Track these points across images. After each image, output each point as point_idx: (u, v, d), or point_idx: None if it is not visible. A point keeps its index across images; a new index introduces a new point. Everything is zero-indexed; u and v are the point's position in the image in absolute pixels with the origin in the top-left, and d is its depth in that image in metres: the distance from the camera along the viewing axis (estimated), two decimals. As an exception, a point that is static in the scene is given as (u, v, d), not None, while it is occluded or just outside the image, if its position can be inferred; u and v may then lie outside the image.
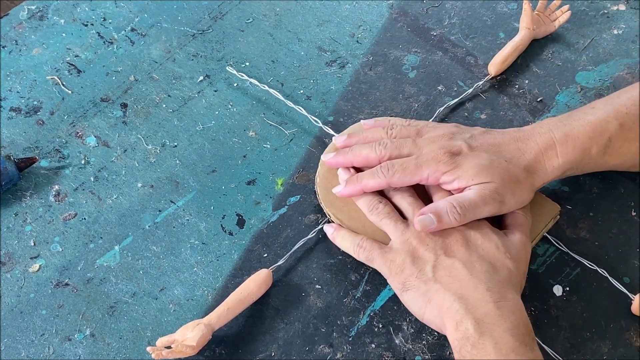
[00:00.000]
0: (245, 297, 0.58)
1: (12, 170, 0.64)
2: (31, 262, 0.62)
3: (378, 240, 0.58)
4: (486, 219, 0.58)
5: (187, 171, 0.67)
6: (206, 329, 0.55)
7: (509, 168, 0.57)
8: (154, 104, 0.72)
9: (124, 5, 0.79)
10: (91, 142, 0.69)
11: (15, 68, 0.74)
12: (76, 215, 0.65)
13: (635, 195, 0.65)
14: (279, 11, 0.79)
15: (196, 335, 0.54)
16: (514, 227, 0.58)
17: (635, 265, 0.62)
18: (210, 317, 0.56)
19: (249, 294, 0.58)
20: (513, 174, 0.57)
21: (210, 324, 0.56)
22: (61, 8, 0.79)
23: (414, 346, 0.58)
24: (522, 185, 0.57)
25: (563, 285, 0.61)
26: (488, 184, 0.56)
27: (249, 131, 0.70)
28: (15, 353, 0.58)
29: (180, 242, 0.63)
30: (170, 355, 0.54)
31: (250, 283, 0.58)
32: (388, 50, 0.75)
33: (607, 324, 0.59)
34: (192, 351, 0.55)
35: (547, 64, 0.75)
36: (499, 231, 0.57)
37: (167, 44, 0.76)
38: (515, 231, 0.57)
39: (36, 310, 0.60)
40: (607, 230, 0.64)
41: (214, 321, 0.56)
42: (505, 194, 0.56)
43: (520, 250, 0.56)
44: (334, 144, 0.64)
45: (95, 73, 0.74)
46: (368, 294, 0.60)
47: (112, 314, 0.60)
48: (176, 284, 0.61)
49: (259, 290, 0.58)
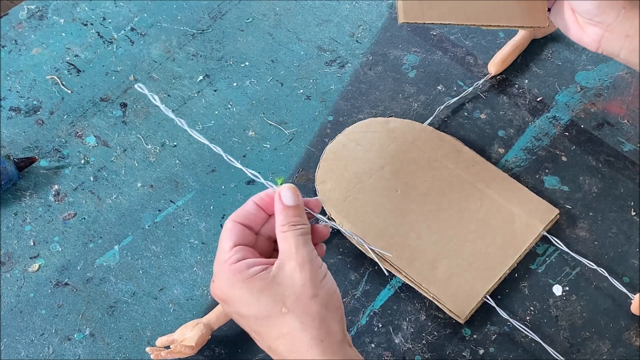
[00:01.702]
0: None
1: (12, 170, 0.64)
2: (31, 262, 0.62)
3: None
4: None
5: (186, 171, 0.67)
6: (205, 329, 0.55)
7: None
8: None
9: (124, 4, 0.79)
10: (91, 142, 0.69)
11: (14, 68, 0.74)
12: (76, 215, 0.65)
13: (635, 195, 0.65)
14: (278, 11, 0.79)
15: (195, 335, 0.54)
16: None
17: (635, 265, 0.62)
18: (209, 316, 0.56)
19: None
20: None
21: (209, 324, 0.56)
22: (61, 8, 0.79)
23: (414, 346, 0.58)
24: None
25: (563, 285, 0.61)
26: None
27: (249, 131, 0.70)
28: (15, 353, 0.57)
29: (180, 241, 0.63)
30: (169, 356, 0.54)
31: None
32: (388, 50, 0.75)
33: (607, 323, 0.59)
34: (191, 351, 0.55)
35: (547, 63, 0.75)
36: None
37: (167, 43, 0.76)
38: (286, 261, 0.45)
39: (36, 310, 0.60)
40: (607, 230, 0.64)
41: (213, 321, 0.56)
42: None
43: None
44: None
45: (94, 73, 0.74)
46: (368, 294, 0.60)
47: (112, 314, 0.60)
48: (176, 284, 0.61)
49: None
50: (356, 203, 0.62)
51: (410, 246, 0.60)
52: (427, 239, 0.61)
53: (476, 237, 0.61)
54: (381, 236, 0.60)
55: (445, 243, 0.60)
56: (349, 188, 0.63)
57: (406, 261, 0.59)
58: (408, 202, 0.62)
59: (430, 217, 0.62)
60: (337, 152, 0.66)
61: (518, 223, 0.61)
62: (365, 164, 0.65)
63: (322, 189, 0.63)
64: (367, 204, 0.62)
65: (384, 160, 0.65)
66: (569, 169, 0.67)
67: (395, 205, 0.62)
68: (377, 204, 0.62)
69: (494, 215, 0.62)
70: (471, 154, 0.65)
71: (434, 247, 0.60)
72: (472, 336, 0.59)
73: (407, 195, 0.63)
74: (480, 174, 0.64)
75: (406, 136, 0.67)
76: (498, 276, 0.59)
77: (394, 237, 0.60)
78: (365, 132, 0.67)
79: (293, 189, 0.47)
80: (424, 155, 0.65)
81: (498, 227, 0.61)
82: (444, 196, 0.63)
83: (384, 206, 0.62)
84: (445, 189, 0.63)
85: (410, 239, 0.60)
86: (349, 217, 0.61)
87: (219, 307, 0.57)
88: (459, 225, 0.61)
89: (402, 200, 0.62)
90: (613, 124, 0.70)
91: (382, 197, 0.63)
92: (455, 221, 0.61)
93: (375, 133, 0.67)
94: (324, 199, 0.62)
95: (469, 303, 0.58)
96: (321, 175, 0.64)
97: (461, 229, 0.61)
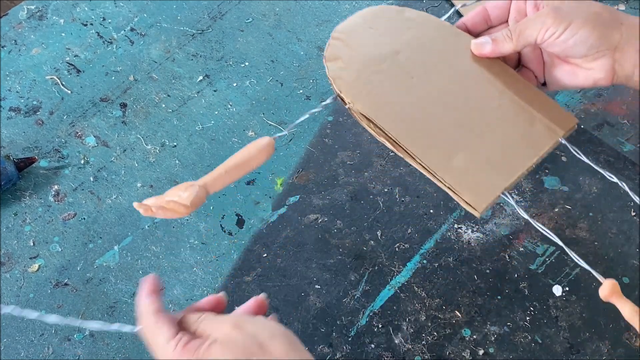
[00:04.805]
0: (245, 161, 0.50)
1: (12, 170, 0.64)
2: (30, 262, 0.62)
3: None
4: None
5: (186, 171, 0.67)
6: (200, 190, 0.48)
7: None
8: (154, 104, 0.72)
9: (124, 5, 0.79)
10: (90, 142, 0.69)
11: (14, 68, 0.74)
12: (75, 215, 0.65)
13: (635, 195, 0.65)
14: (278, 11, 0.79)
15: (190, 195, 0.47)
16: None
17: (635, 265, 0.62)
18: (205, 178, 0.49)
19: (250, 159, 0.50)
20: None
21: (205, 186, 0.48)
22: (60, 8, 0.79)
23: (414, 346, 0.58)
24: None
25: (562, 285, 0.61)
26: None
27: (249, 131, 0.70)
28: (15, 353, 0.57)
29: (180, 242, 0.63)
30: (160, 212, 0.46)
31: (252, 147, 0.50)
32: (388, 50, 0.75)
33: (607, 324, 0.59)
34: (185, 210, 0.47)
35: (547, 63, 0.75)
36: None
37: (167, 43, 0.76)
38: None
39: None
40: (607, 230, 0.64)
41: (209, 184, 0.49)
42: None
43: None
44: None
45: (94, 73, 0.74)
46: (367, 294, 0.60)
47: (112, 314, 0.60)
48: (176, 284, 0.61)
49: (259, 155, 0.51)
50: (369, 85, 0.59)
51: (425, 134, 0.56)
52: (443, 129, 0.57)
53: (494, 134, 0.57)
54: (394, 120, 0.57)
55: (462, 135, 0.57)
56: (362, 69, 0.59)
57: (421, 148, 0.56)
58: (424, 91, 0.59)
59: (447, 108, 0.58)
60: (350, 33, 0.62)
61: (538, 126, 0.59)
62: (379, 48, 0.61)
63: (332, 67, 0.59)
64: (380, 86, 0.59)
65: (399, 46, 0.61)
66: (569, 169, 0.67)
67: (410, 92, 0.59)
68: (391, 87, 0.58)
69: (513, 115, 0.59)
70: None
71: (450, 138, 0.57)
72: (472, 336, 0.59)
73: (423, 84, 0.59)
74: (500, 75, 0.61)
75: (422, 27, 0.64)
76: (517, 174, 0.56)
77: (408, 122, 0.57)
78: (380, 17, 0.64)
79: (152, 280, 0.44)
80: (441, 47, 0.62)
81: (517, 126, 0.58)
82: (462, 90, 0.59)
83: (398, 90, 0.58)
84: (463, 83, 0.60)
85: (426, 126, 0.57)
86: (361, 98, 0.58)
87: (216, 170, 0.50)
88: (477, 120, 0.58)
89: (418, 88, 0.59)
90: (613, 124, 0.70)
91: (396, 82, 0.59)
92: (474, 116, 0.58)
93: (390, 19, 0.64)
94: (333, 76, 0.59)
95: (487, 196, 0.55)
96: (331, 52, 0.60)
97: (479, 124, 0.58)
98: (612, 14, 0.55)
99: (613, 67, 0.55)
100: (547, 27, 0.55)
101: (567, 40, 0.54)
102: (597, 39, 0.54)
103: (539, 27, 0.56)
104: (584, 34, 0.54)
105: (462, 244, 0.63)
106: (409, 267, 0.62)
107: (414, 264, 0.62)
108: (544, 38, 0.56)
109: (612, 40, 0.54)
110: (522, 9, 0.60)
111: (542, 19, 0.56)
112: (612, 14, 0.55)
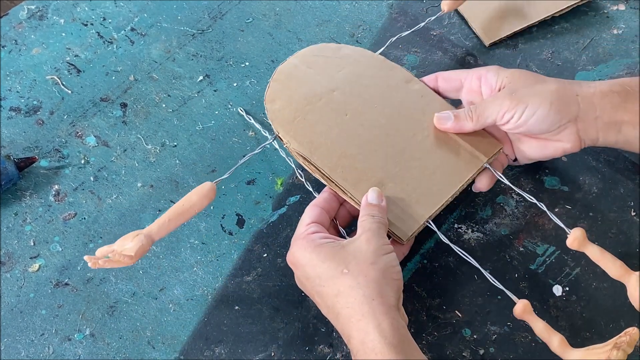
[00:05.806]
0: (187, 208, 0.55)
1: (12, 170, 0.64)
2: (31, 262, 0.62)
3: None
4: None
5: (186, 171, 0.67)
6: (146, 240, 0.53)
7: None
8: (154, 104, 0.72)
9: (124, 5, 0.79)
10: (91, 142, 0.69)
11: (15, 68, 0.74)
12: (76, 215, 0.65)
13: (635, 195, 0.65)
14: (278, 11, 0.79)
15: (135, 245, 0.52)
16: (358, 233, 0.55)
17: (635, 265, 0.62)
18: (150, 227, 0.54)
19: (191, 206, 0.55)
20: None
21: (150, 235, 0.53)
22: (61, 8, 0.79)
23: (414, 346, 0.58)
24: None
25: (563, 285, 0.61)
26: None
27: (249, 131, 0.70)
28: (15, 353, 0.58)
29: (180, 241, 0.63)
30: (107, 264, 0.52)
31: (193, 195, 0.56)
32: (388, 50, 0.75)
33: (607, 324, 0.59)
34: (130, 261, 0.52)
35: (547, 64, 0.75)
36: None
37: (167, 43, 0.76)
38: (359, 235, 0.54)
39: (36, 310, 0.60)
40: (607, 231, 0.64)
41: (154, 232, 0.54)
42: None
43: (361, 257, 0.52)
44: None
45: (95, 73, 0.74)
46: (368, 294, 0.60)
47: (112, 314, 0.60)
48: (176, 284, 0.61)
49: (201, 202, 0.56)
50: (305, 123, 0.62)
51: (356, 168, 0.60)
52: (373, 162, 0.61)
53: (421, 164, 0.61)
54: (328, 157, 0.61)
55: (391, 168, 0.61)
56: (299, 108, 0.63)
57: (352, 182, 0.59)
58: (356, 126, 0.63)
59: (378, 142, 0.62)
60: (288, 74, 0.66)
61: (462, 155, 0.62)
62: (315, 87, 0.65)
63: (271, 108, 0.63)
64: (315, 125, 0.63)
65: (335, 84, 0.65)
66: (569, 169, 0.67)
67: (343, 128, 0.63)
68: (325, 125, 0.63)
69: (439, 146, 0.62)
70: (420, 85, 0.66)
71: (379, 170, 0.61)
72: (472, 336, 0.59)
73: (356, 120, 0.63)
74: (429, 105, 0.64)
75: (358, 63, 0.67)
76: (441, 202, 0.60)
77: (340, 158, 0.61)
78: (317, 56, 0.67)
79: (378, 192, 0.57)
80: (375, 82, 0.66)
81: (443, 157, 0.62)
82: (392, 123, 0.63)
83: (332, 128, 0.63)
84: (394, 116, 0.64)
85: (357, 161, 0.61)
86: (297, 137, 0.61)
87: (160, 218, 0.54)
88: (405, 152, 0.62)
89: (351, 124, 0.63)
90: (613, 124, 0.70)
91: (331, 120, 0.63)
92: (402, 148, 0.62)
93: (327, 58, 0.67)
94: (272, 117, 0.62)
95: (412, 225, 0.58)
96: (270, 94, 0.64)
97: (407, 156, 0.62)
98: (566, 89, 0.58)
99: (578, 136, 0.58)
100: (505, 109, 0.58)
101: (528, 120, 0.57)
102: (556, 114, 0.57)
103: (497, 110, 0.60)
104: (542, 113, 0.57)
105: (462, 244, 0.63)
106: (409, 267, 0.62)
107: (414, 264, 0.62)
108: (504, 120, 0.59)
109: (571, 112, 0.57)
110: (476, 89, 0.62)
111: (499, 101, 0.59)
112: (567, 88, 0.58)
